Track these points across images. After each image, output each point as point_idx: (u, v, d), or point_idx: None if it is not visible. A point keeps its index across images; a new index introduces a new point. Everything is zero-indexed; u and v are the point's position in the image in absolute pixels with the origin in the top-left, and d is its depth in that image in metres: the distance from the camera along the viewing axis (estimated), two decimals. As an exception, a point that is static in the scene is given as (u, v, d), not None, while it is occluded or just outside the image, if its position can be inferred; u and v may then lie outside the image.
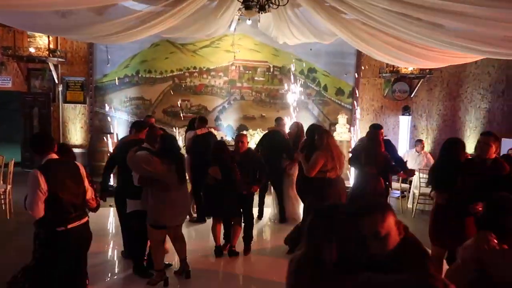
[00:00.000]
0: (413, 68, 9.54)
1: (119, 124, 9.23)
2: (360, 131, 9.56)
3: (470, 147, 10.23)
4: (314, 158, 4.34)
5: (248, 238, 4.92)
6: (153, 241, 3.84)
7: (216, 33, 6.74)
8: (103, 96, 9.24)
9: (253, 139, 8.31)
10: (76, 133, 9.23)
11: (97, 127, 9.24)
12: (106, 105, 9.18)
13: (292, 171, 5.89)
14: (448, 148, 3.78)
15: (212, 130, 6.82)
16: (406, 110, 9.93)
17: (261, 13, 4.59)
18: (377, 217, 1.36)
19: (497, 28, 3.89)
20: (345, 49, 9.71)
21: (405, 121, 9.85)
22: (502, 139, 9.08)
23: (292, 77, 9.69)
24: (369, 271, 1.34)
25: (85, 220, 3.04)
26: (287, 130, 6.45)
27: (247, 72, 9.62)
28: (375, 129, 4.68)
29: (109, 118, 9.18)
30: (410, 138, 10.14)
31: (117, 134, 7.87)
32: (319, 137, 4.38)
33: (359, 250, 1.37)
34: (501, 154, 4.13)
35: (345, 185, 4.74)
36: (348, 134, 8.52)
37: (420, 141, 8.21)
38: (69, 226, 2.88)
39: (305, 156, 4.53)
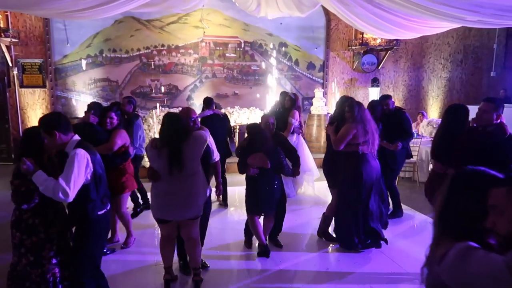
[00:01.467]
0: (381, 40, 9.72)
1: (84, 108, 8.63)
2: (334, 104, 9.68)
3: (433, 115, 10.75)
4: (343, 129, 4.03)
5: (279, 230, 4.38)
6: (160, 236, 3.52)
7: (193, 8, 6.39)
8: (64, 78, 8.58)
9: (232, 116, 8.12)
10: (36, 120, 8.52)
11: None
12: (68, 88, 8.56)
13: None
14: (451, 117, 3.71)
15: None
16: (375, 82, 10.15)
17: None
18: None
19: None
20: (315, 23, 9.69)
21: (374, 92, 10.08)
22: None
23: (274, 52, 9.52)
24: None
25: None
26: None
27: (217, 48, 9.32)
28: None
29: (73, 102, 8.58)
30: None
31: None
32: (349, 109, 4.05)
33: (476, 220, 1.32)
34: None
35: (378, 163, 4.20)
36: (325, 107, 8.57)
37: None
38: (108, 208, 2.77)
39: (334, 129, 4.20)
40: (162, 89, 9.07)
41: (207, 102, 5.64)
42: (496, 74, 10.04)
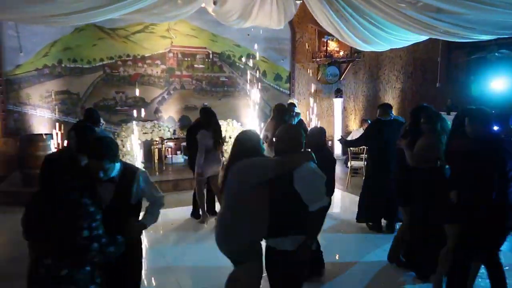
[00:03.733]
0: (343, 53, 10.10)
1: (41, 123, 7.86)
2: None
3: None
4: (421, 143, 3.66)
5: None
6: None
7: (180, 17, 6.10)
8: (17, 91, 7.72)
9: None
10: (-14, 138, 7.58)
11: (12, 129, 7.72)
12: (22, 101, 7.72)
13: None
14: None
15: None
16: (338, 93, 10.48)
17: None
18: None
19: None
20: (281, 35, 9.80)
21: (338, 103, 10.41)
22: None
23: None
24: None
25: None
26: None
27: (185, 59, 9.02)
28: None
29: (28, 117, 7.76)
30: (342, 119, 10.77)
31: (57, 134, 6.65)
32: (427, 119, 3.70)
33: None
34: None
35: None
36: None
37: (366, 121, 8.80)
38: None
39: (408, 143, 3.82)
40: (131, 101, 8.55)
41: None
42: (441, 85, 10.88)
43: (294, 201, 2.43)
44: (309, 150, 2.62)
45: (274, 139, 2.75)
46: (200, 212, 5.59)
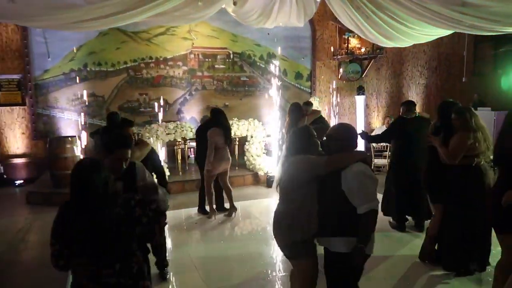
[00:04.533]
0: (365, 49, 9.97)
1: (69, 125, 8.11)
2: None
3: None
4: (456, 140, 3.54)
5: None
6: None
7: (201, 18, 6.18)
8: (45, 95, 8.00)
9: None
10: (16, 141, 7.87)
11: (41, 131, 8.00)
12: (50, 105, 7.99)
13: None
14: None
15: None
16: (360, 90, 10.35)
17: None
18: None
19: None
20: (301, 33, 9.77)
21: (360, 100, 10.27)
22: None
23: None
24: None
25: None
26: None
27: (206, 60, 9.11)
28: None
29: (56, 120, 8.02)
30: (364, 116, 10.63)
31: (80, 136, 6.84)
32: (459, 116, 3.58)
33: None
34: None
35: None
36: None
37: (390, 118, 8.68)
38: None
39: (442, 141, 3.69)
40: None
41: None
42: (467, 79, 10.58)
43: (342, 201, 2.39)
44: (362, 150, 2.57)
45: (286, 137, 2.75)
46: (208, 208, 5.68)
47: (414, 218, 5.08)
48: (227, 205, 5.81)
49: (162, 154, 7.47)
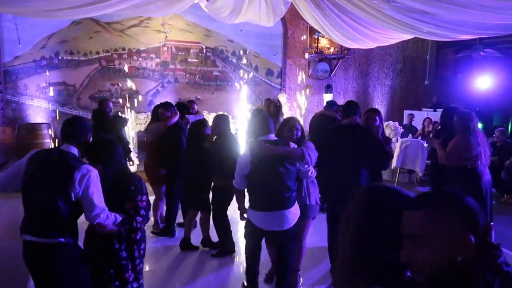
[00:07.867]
0: (334, 49, 10.38)
1: (38, 113, 8.11)
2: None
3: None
4: (454, 142, 3.68)
5: None
6: None
7: (181, 9, 6.37)
8: (15, 82, 7.97)
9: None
10: (-12, 128, 7.82)
11: (9, 118, 7.97)
12: (19, 92, 7.96)
13: None
14: None
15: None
16: (328, 89, 10.77)
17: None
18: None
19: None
20: (273, 31, 10.04)
21: (328, 98, 10.67)
22: (404, 110, 10.64)
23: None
24: None
25: None
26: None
27: (179, 53, 9.28)
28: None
29: (25, 107, 8.00)
30: (331, 114, 11.04)
31: (49, 124, 6.88)
32: (460, 119, 3.74)
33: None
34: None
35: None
36: (289, 112, 8.93)
37: None
38: None
39: (442, 142, 3.86)
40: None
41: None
42: (429, 82, 11.19)
43: None
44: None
45: None
46: None
47: None
48: None
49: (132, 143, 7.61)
